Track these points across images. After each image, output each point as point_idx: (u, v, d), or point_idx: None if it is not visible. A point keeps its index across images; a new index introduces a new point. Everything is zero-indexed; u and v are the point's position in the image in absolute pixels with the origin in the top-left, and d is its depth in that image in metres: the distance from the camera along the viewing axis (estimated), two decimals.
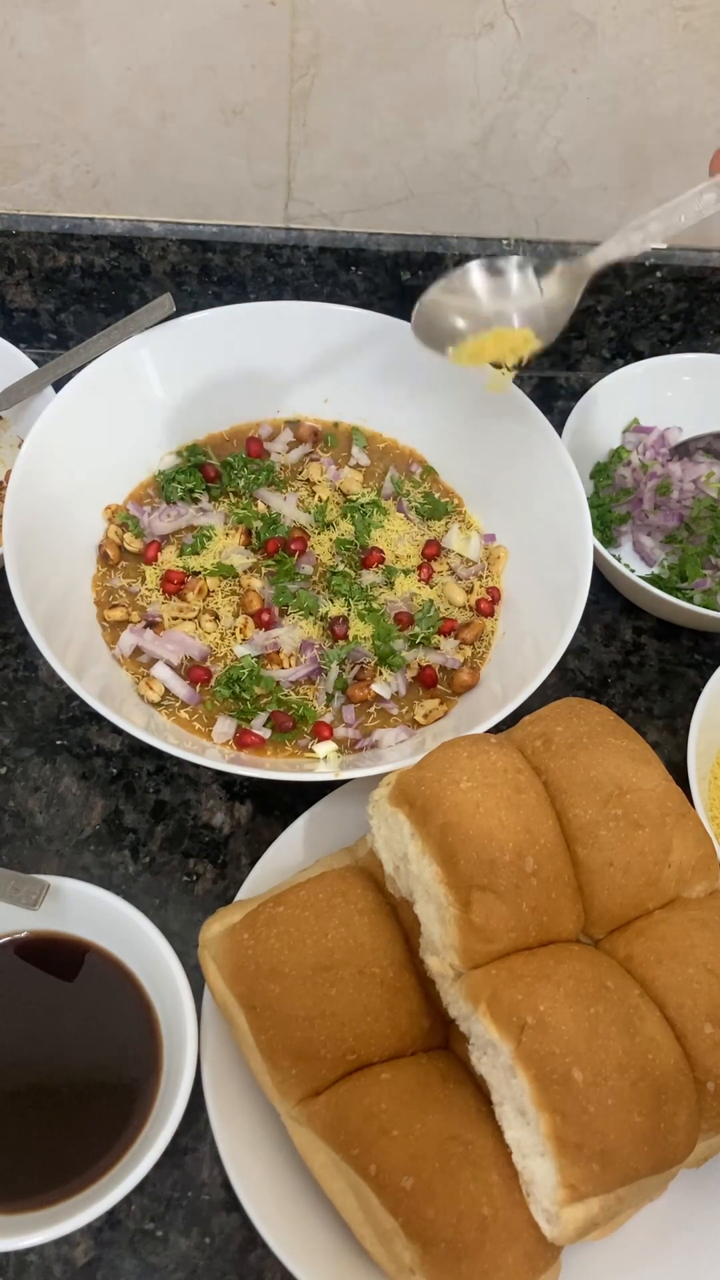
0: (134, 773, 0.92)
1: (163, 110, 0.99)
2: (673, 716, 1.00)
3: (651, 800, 0.73)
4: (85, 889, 0.76)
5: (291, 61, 0.95)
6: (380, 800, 0.74)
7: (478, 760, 0.72)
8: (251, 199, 1.06)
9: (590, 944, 0.73)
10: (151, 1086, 0.73)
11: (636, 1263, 0.72)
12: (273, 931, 0.71)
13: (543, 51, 0.95)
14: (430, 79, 0.97)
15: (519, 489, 1.00)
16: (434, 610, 0.96)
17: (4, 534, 0.87)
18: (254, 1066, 0.72)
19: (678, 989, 0.68)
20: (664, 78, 0.98)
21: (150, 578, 0.96)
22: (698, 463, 1.11)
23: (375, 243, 1.09)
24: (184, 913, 0.86)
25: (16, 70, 0.95)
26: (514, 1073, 0.63)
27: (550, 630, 0.89)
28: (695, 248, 1.12)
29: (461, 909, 0.67)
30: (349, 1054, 0.69)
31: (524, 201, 1.07)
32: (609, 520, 1.08)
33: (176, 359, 1.01)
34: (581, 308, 1.15)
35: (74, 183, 1.04)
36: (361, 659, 0.93)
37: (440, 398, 1.04)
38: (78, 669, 0.83)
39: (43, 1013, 0.75)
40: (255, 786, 0.92)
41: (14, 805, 0.90)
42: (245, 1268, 0.74)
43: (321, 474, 1.04)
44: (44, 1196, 0.70)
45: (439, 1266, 0.62)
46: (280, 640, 0.93)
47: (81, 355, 0.98)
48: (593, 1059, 0.62)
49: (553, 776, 0.74)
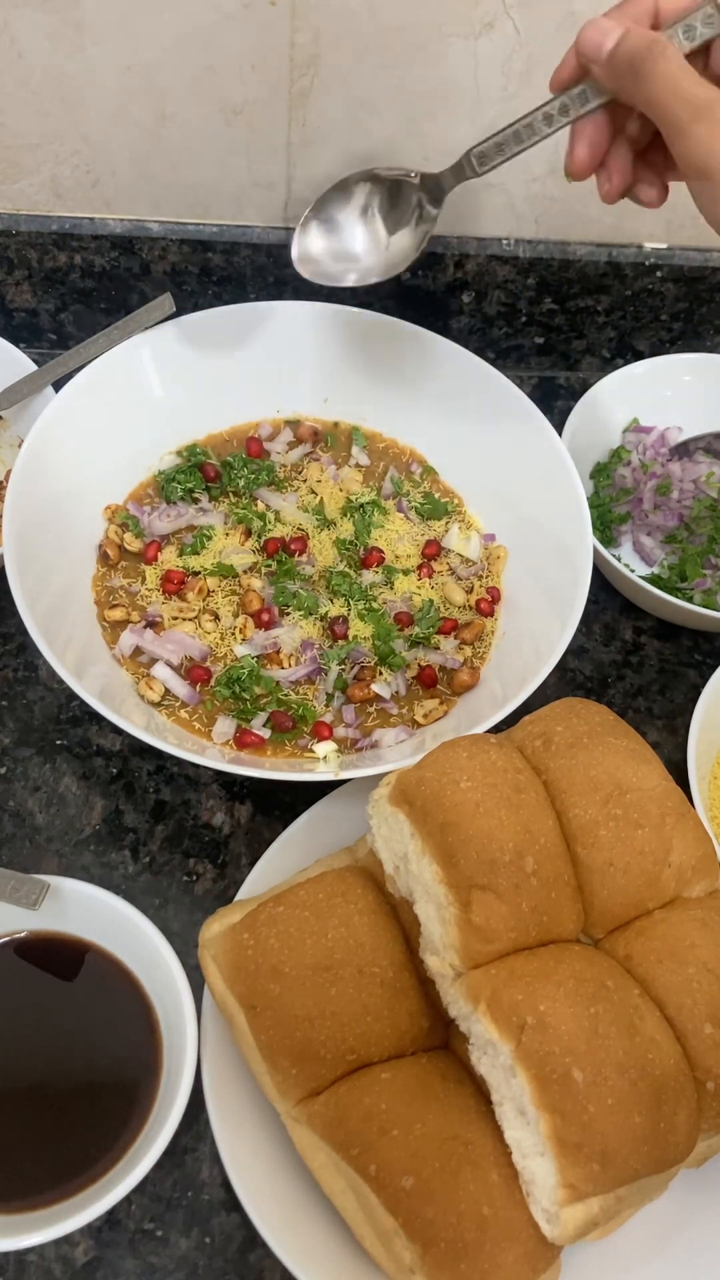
0: (134, 773, 0.92)
1: (163, 110, 0.99)
2: (673, 716, 1.00)
3: (651, 800, 0.73)
4: (85, 889, 0.76)
5: (291, 61, 0.95)
6: (380, 800, 0.74)
7: (478, 760, 0.72)
8: (251, 199, 1.06)
9: (590, 944, 0.73)
10: (151, 1086, 0.73)
11: (636, 1263, 0.72)
12: (273, 931, 0.71)
13: (543, 51, 0.95)
14: (430, 79, 0.97)
15: (519, 489, 1.00)
16: (434, 610, 0.96)
17: (4, 534, 0.87)
18: (254, 1066, 0.72)
19: (678, 989, 0.68)
20: None
21: (150, 578, 0.96)
22: (698, 463, 1.11)
23: None
24: (184, 913, 0.86)
25: (16, 70, 0.95)
26: (514, 1073, 0.63)
27: (550, 630, 0.89)
28: (695, 248, 1.12)
29: (461, 909, 0.67)
30: (349, 1054, 0.69)
31: (524, 201, 1.07)
32: (609, 520, 1.08)
33: (176, 359, 1.01)
34: (581, 307, 1.15)
35: (74, 183, 1.04)
36: (361, 659, 0.93)
37: (440, 397, 1.04)
38: (78, 669, 0.83)
39: (43, 1013, 0.75)
40: (255, 786, 0.92)
41: (14, 805, 0.90)
42: (245, 1268, 0.74)
43: (321, 474, 1.04)
44: (44, 1196, 0.70)
45: (439, 1266, 0.62)
46: (280, 640, 0.93)
47: (81, 355, 0.98)
48: (593, 1059, 0.62)
49: (553, 776, 0.74)
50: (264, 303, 1.03)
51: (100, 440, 0.98)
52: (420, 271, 1.10)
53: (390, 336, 1.03)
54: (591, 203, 1.08)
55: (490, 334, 1.18)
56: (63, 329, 1.16)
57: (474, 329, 1.17)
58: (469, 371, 1.02)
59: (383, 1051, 0.70)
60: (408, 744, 0.89)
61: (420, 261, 1.06)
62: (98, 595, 0.96)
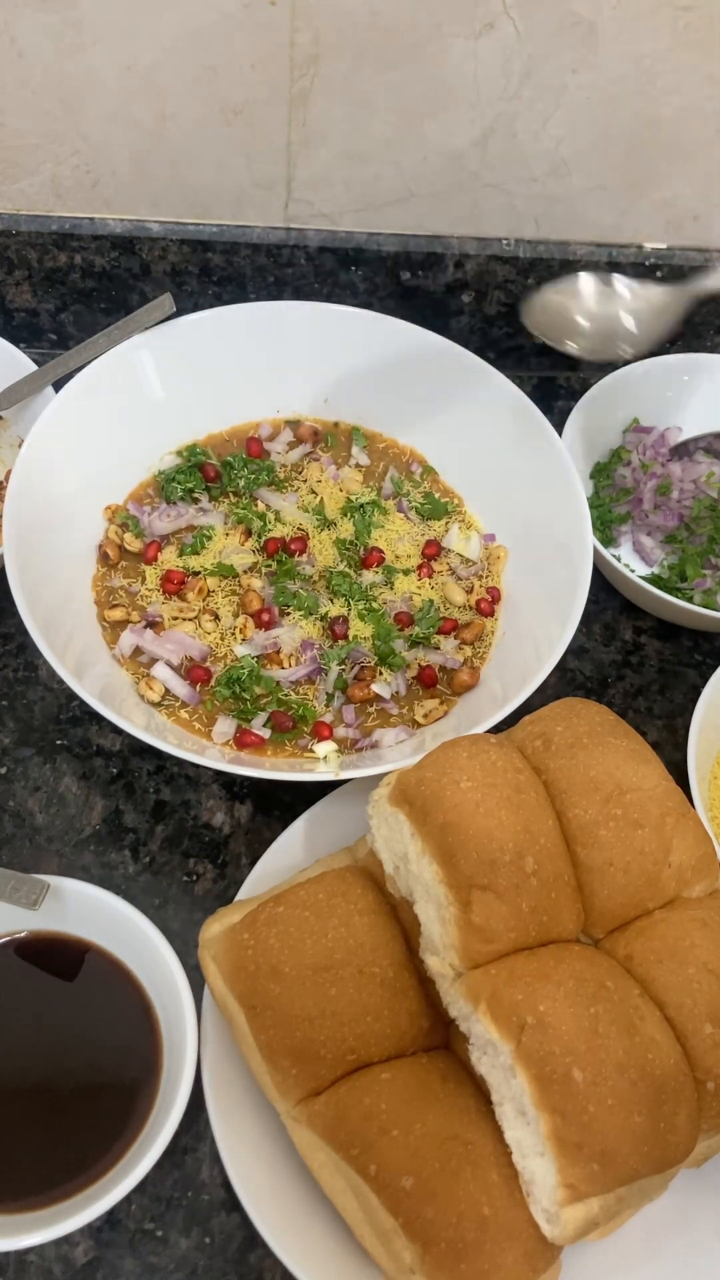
0: (134, 773, 0.92)
1: (163, 110, 0.99)
2: (673, 716, 1.00)
3: (651, 800, 0.73)
4: (85, 889, 0.76)
5: (291, 61, 0.95)
6: (380, 800, 0.74)
7: (478, 760, 0.72)
8: (251, 199, 1.06)
9: (590, 944, 0.73)
10: (151, 1086, 0.73)
11: (636, 1263, 0.72)
12: (272, 931, 0.71)
13: (543, 51, 0.95)
14: (430, 79, 0.97)
15: (519, 489, 1.00)
16: (434, 610, 0.96)
17: (4, 534, 0.87)
18: (254, 1066, 0.72)
19: (678, 989, 0.68)
20: (664, 78, 0.98)
21: (150, 578, 0.96)
22: (698, 463, 1.11)
23: (375, 243, 1.09)
24: (184, 913, 0.86)
25: (16, 70, 0.95)
26: (514, 1073, 0.63)
27: (550, 630, 0.89)
28: (695, 248, 1.12)
29: (461, 909, 0.67)
30: (349, 1054, 0.69)
31: (524, 201, 1.07)
32: (609, 520, 1.08)
33: (176, 359, 1.01)
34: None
35: (74, 183, 1.04)
36: (361, 659, 0.93)
37: (440, 397, 1.04)
38: (78, 669, 0.83)
39: (43, 1013, 0.75)
40: (255, 786, 0.92)
41: (14, 805, 0.90)
42: (245, 1268, 0.74)
43: (321, 474, 1.04)
44: (44, 1196, 0.69)
45: (439, 1266, 0.62)
46: (280, 640, 0.93)
47: (81, 355, 0.98)
48: (593, 1059, 0.62)
49: (553, 776, 0.74)
50: (264, 303, 1.03)
51: (100, 440, 0.98)
52: (420, 271, 1.11)
53: (390, 336, 1.03)
54: (591, 203, 1.08)
55: (490, 334, 1.18)
56: (63, 329, 1.16)
57: (474, 329, 1.17)
58: (469, 371, 1.02)
59: (383, 1051, 0.70)
60: (408, 744, 0.89)
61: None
62: (98, 595, 0.96)
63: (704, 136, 1.03)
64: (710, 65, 0.97)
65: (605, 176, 1.06)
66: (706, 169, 1.05)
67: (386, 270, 1.11)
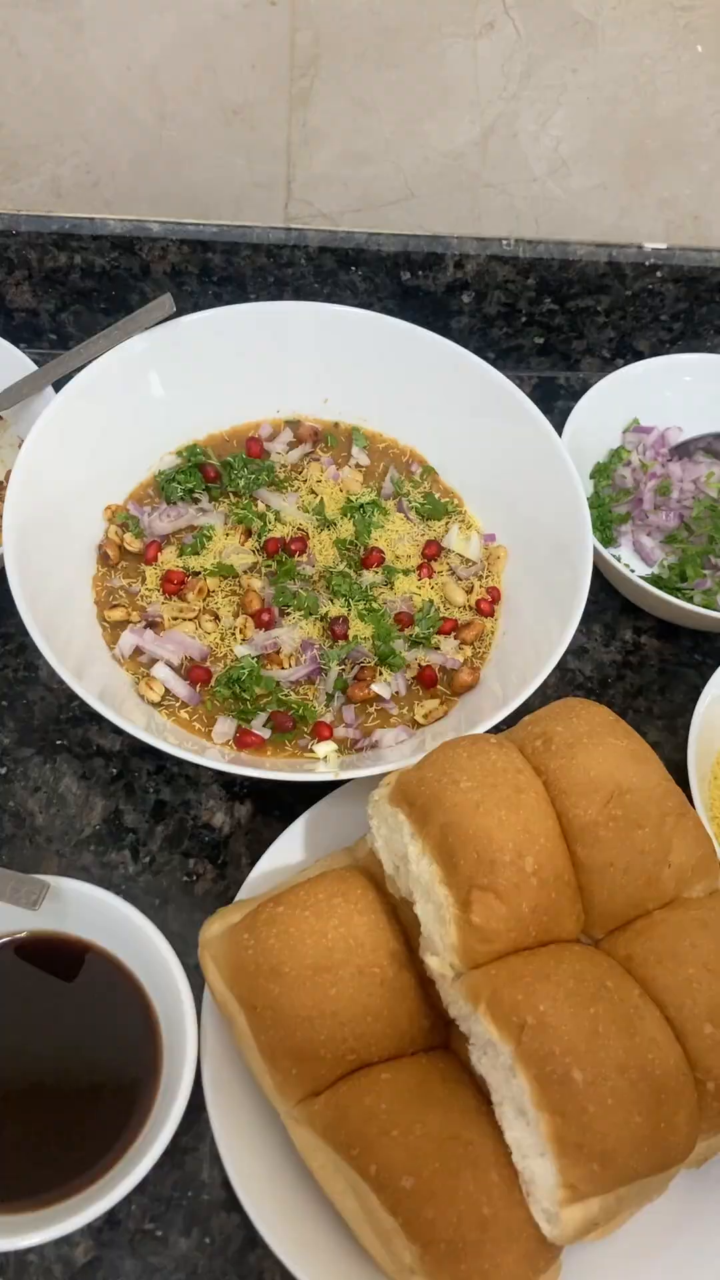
0: (134, 773, 0.92)
1: (163, 110, 0.99)
2: (673, 716, 1.00)
3: (651, 800, 0.73)
4: (85, 889, 0.76)
5: (291, 61, 0.95)
6: (380, 800, 0.74)
7: (478, 760, 0.72)
8: (251, 199, 1.06)
9: (590, 944, 0.73)
10: (151, 1086, 0.73)
11: (636, 1263, 0.72)
12: (272, 931, 0.71)
13: (543, 51, 0.95)
14: (430, 79, 0.97)
15: (519, 489, 1.00)
16: (434, 610, 0.96)
17: (4, 534, 0.87)
18: (254, 1066, 0.72)
19: (678, 989, 0.68)
20: (664, 78, 0.98)
21: (150, 578, 0.96)
22: (698, 463, 1.11)
23: (375, 243, 1.09)
24: (184, 913, 0.86)
25: (16, 70, 0.95)
26: (514, 1073, 0.63)
27: (550, 630, 0.89)
28: (695, 248, 1.12)
29: (461, 909, 0.67)
30: (349, 1054, 0.69)
31: (524, 201, 1.07)
32: (609, 520, 1.08)
33: (176, 359, 1.01)
34: (581, 307, 1.15)
35: (74, 183, 1.04)
36: (361, 659, 0.93)
37: (440, 398, 1.04)
38: (78, 669, 0.83)
39: (43, 1013, 0.75)
40: (255, 786, 0.92)
41: (14, 805, 0.90)
42: (245, 1268, 0.74)
43: (322, 474, 1.04)
44: (44, 1196, 0.69)
45: (439, 1266, 0.62)
46: (280, 640, 0.93)
47: (81, 355, 0.98)
48: (593, 1059, 0.62)
49: (553, 776, 0.74)
50: (264, 303, 1.03)
51: (100, 440, 0.98)
52: (420, 271, 1.11)
53: (390, 336, 1.03)
54: (591, 203, 1.08)
55: (490, 334, 1.18)
56: (63, 329, 1.16)
57: (474, 329, 1.17)
58: (469, 371, 1.02)
59: (383, 1052, 0.70)
60: (408, 744, 0.89)
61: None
62: (98, 595, 0.96)
63: (704, 136, 1.03)
64: (710, 65, 0.97)
65: (605, 176, 1.06)
66: (706, 169, 1.05)
67: (386, 270, 1.11)
